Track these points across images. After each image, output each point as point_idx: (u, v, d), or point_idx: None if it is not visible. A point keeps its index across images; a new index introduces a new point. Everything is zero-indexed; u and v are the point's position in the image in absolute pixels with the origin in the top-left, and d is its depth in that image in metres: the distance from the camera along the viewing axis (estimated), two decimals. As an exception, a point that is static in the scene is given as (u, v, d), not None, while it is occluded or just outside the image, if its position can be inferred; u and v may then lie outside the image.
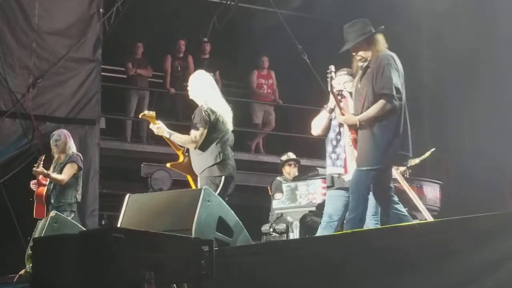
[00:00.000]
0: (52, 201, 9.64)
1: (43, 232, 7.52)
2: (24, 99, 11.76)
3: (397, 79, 6.87)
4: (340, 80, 7.57)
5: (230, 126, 8.11)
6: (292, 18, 14.41)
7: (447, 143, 12.68)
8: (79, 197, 9.83)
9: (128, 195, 6.90)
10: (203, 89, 8.11)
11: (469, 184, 12.37)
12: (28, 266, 7.23)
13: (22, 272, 7.37)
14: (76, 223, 8.45)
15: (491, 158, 11.97)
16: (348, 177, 7.22)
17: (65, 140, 9.88)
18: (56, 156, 9.91)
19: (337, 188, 7.49)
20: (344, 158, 7.39)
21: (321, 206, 9.26)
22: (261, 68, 14.67)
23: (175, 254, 4.68)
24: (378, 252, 5.33)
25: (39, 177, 9.75)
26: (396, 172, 7.38)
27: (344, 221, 6.99)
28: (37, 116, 11.79)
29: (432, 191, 10.07)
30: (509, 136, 11.80)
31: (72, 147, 9.93)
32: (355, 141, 6.96)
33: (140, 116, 8.65)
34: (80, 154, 10.08)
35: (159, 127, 8.11)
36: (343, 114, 7.01)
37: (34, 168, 9.57)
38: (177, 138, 8.08)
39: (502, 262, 4.85)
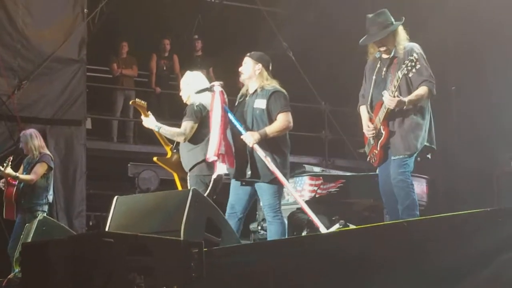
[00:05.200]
0: (23, 201, 9.59)
1: (31, 235, 7.51)
2: (9, 100, 11.74)
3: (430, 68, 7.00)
4: (243, 62, 7.54)
5: None
6: (278, 15, 14.45)
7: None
8: (50, 197, 9.79)
9: (116, 197, 6.88)
10: (196, 87, 8.02)
11: (456, 178, 12.41)
12: (17, 270, 7.21)
13: (11, 276, 7.35)
14: (64, 225, 8.44)
15: (479, 151, 12.01)
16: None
17: (26, 141, 9.83)
18: (27, 155, 9.86)
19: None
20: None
21: (308, 203, 9.29)
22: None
23: (164, 257, 4.68)
24: (363, 250, 5.35)
25: (8, 178, 9.69)
26: (279, 174, 7.26)
27: (400, 212, 6.96)
28: (23, 118, 11.77)
29: (419, 185, 10.08)
30: (497, 129, 11.85)
31: (39, 147, 9.84)
32: (387, 136, 7.01)
33: (130, 102, 8.58)
34: (50, 154, 10.03)
35: (148, 119, 8.06)
36: None
37: (1, 169, 9.52)
38: (166, 130, 8.02)
39: (493, 255, 4.87)
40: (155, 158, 8.42)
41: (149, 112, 8.09)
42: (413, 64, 6.77)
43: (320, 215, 9.34)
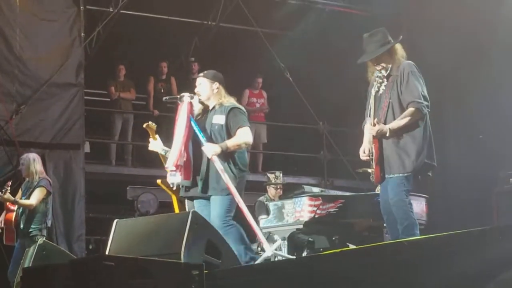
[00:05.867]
0: (22, 226, 9.58)
1: (31, 260, 7.50)
2: (7, 125, 11.75)
3: (423, 87, 6.97)
4: (197, 82, 7.50)
5: None
6: (275, 36, 14.50)
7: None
8: (49, 222, 9.77)
9: (115, 220, 6.88)
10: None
11: (456, 196, 12.42)
12: (18, 294, 7.20)
13: (11, 300, 7.36)
14: (64, 250, 8.43)
15: (478, 170, 12.02)
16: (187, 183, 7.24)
17: (28, 165, 9.82)
18: (25, 180, 9.88)
19: (196, 198, 7.39)
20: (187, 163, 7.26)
21: (308, 224, 9.29)
22: (254, 87, 14.60)
23: (165, 279, 4.69)
24: (363, 270, 5.36)
25: (7, 203, 9.70)
26: (232, 188, 7.23)
27: (400, 232, 6.91)
28: (21, 143, 11.77)
29: (418, 204, 10.07)
30: (496, 147, 11.87)
31: (39, 171, 9.84)
32: (378, 152, 6.99)
33: (144, 126, 8.58)
34: (49, 178, 10.04)
35: (156, 143, 8.05)
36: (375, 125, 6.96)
37: (0, 194, 9.53)
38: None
39: (493, 274, 4.87)
40: (158, 181, 8.44)
41: (157, 136, 8.10)
42: (381, 81, 6.89)
43: (320, 235, 9.37)
